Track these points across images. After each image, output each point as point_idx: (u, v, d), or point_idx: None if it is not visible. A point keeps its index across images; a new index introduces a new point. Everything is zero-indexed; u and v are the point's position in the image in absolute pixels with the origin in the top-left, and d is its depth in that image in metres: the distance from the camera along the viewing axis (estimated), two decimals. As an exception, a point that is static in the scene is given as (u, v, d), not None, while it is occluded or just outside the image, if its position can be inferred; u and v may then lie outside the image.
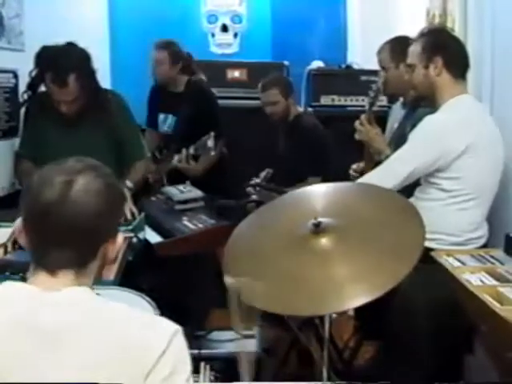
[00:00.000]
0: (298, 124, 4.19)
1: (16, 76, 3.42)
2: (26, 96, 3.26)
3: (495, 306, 1.85)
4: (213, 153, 3.76)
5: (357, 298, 1.88)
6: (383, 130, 3.42)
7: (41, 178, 1.35)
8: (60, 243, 1.32)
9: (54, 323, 1.27)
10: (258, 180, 3.93)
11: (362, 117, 3.25)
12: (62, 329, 1.27)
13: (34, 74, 3.13)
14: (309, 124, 4.21)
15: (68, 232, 1.32)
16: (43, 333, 1.26)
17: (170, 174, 4.09)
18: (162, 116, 4.45)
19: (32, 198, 1.33)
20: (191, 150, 3.81)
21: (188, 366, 1.37)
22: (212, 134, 3.70)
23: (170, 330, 1.36)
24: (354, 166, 3.46)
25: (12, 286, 1.34)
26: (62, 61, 3.01)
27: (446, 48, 2.72)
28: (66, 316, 1.29)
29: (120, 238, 1.44)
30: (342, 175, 3.38)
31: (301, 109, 4.38)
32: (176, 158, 3.91)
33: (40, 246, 1.34)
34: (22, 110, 3.40)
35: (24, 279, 1.41)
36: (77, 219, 1.31)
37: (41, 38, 3.14)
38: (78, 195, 1.31)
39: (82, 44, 3.13)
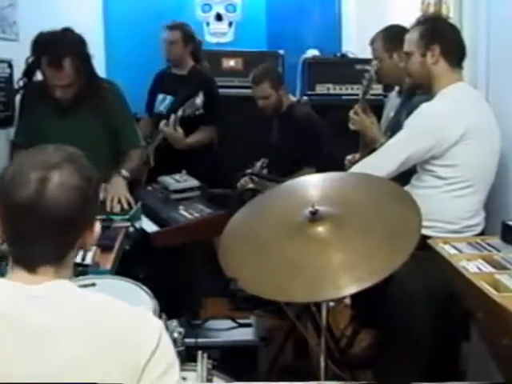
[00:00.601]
0: (291, 114, 4.17)
1: (11, 66, 3.41)
2: (21, 83, 3.25)
3: (492, 293, 1.85)
4: (201, 111, 3.76)
5: (353, 284, 1.88)
6: (379, 118, 3.42)
7: (15, 172, 1.32)
8: (37, 240, 1.31)
9: (38, 319, 1.27)
10: (253, 169, 3.93)
11: (356, 106, 3.26)
12: (47, 324, 1.27)
13: (30, 60, 3.12)
14: (302, 114, 4.19)
15: (45, 229, 1.30)
16: (29, 328, 1.26)
17: (159, 152, 4.08)
18: (160, 96, 4.43)
19: (6, 194, 1.31)
20: (179, 112, 3.83)
21: (177, 361, 1.39)
22: (201, 92, 3.70)
23: (158, 325, 1.38)
24: (349, 157, 3.46)
25: None
26: (58, 44, 3.01)
27: (443, 36, 2.71)
28: (51, 312, 1.28)
29: (97, 226, 1.43)
30: (337, 164, 3.38)
31: (294, 98, 4.35)
32: (163, 122, 3.91)
33: (17, 243, 1.33)
34: (18, 98, 3.39)
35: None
36: (53, 216, 1.29)
37: (35, 28, 3.12)
38: (54, 193, 1.29)
39: (77, 32, 3.12)
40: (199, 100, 3.73)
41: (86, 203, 1.35)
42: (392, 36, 3.21)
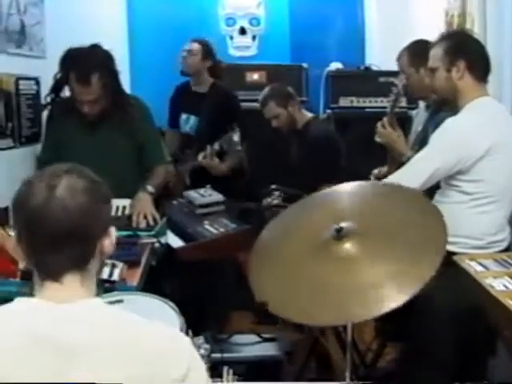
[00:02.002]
0: (307, 131, 4.16)
1: (38, 83, 3.45)
2: (48, 99, 3.29)
3: (518, 311, 1.85)
4: (239, 147, 3.79)
5: (382, 304, 1.88)
6: (403, 130, 3.42)
7: (25, 187, 1.34)
8: (55, 247, 1.32)
9: (73, 340, 1.27)
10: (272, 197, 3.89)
11: (384, 119, 3.25)
12: (82, 345, 1.27)
13: (58, 75, 3.17)
14: (319, 131, 4.18)
15: (60, 234, 1.31)
16: (60, 350, 1.26)
17: (192, 174, 4.12)
18: (184, 116, 4.46)
19: (19, 207, 1.34)
20: (216, 146, 3.85)
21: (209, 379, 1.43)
22: (237, 128, 3.71)
23: (188, 343, 1.40)
24: (376, 172, 3.45)
25: (26, 302, 1.34)
26: (86, 60, 3.06)
27: (468, 51, 2.71)
28: (84, 333, 1.29)
29: (113, 231, 1.44)
30: (360, 177, 3.38)
31: (310, 114, 4.33)
32: (201, 154, 3.94)
33: (38, 256, 1.34)
34: (45, 114, 3.43)
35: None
36: (66, 219, 1.30)
37: (62, 45, 3.16)
38: (63, 196, 1.31)
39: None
40: (236, 137, 3.73)
41: (97, 205, 1.36)
42: (418, 51, 3.20)
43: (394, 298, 1.85)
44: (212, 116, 4.07)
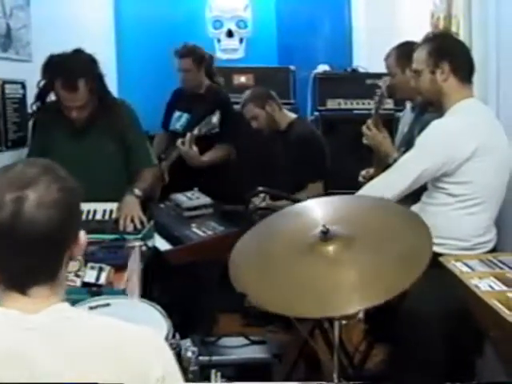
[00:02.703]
0: (291, 132, 4.16)
1: (24, 87, 3.45)
2: (34, 107, 3.28)
3: (504, 312, 1.85)
4: (216, 129, 3.78)
5: (363, 301, 1.90)
6: (390, 132, 3.43)
7: None
8: (24, 261, 1.28)
9: (40, 354, 1.25)
10: (256, 200, 3.89)
11: (369, 121, 3.28)
12: (50, 357, 1.25)
13: (42, 83, 3.15)
14: (302, 130, 4.16)
15: (29, 249, 1.27)
16: (31, 365, 1.24)
17: (172, 168, 4.11)
18: (177, 114, 4.45)
19: None
20: (195, 131, 3.85)
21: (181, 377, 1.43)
22: (218, 111, 3.72)
23: (161, 345, 1.41)
24: (363, 173, 3.47)
25: None
26: (71, 66, 3.05)
27: (452, 53, 2.72)
28: (52, 344, 1.26)
29: (82, 235, 1.39)
30: (348, 179, 3.40)
31: (293, 115, 4.33)
32: (179, 140, 3.93)
33: (6, 267, 1.30)
34: (31, 121, 3.41)
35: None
36: (34, 236, 1.26)
37: (48, 49, 3.15)
38: (31, 212, 1.26)
39: (88, 51, 3.16)
40: (215, 119, 3.75)
41: (68, 216, 1.32)
42: (405, 52, 3.21)
43: (376, 297, 1.86)
44: (204, 115, 4.07)
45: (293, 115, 4.30)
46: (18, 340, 1.26)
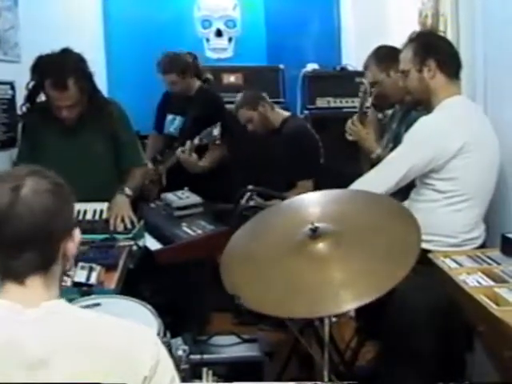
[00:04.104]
0: (284, 129, 4.18)
1: (13, 87, 3.44)
2: (24, 108, 3.27)
3: (491, 306, 1.87)
4: (218, 142, 3.79)
5: (353, 300, 1.91)
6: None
7: None
8: (19, 249, 1.32)
9: (38, 345, 1.27)
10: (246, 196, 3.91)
11: (355, 117, 3.32)
12: (46, 349, 1.28)
13: (31, 84, 3.15)
14: (295, 127, 4.19)
15: (25, 236, 1.32)
16: (29, 356, 1.26)
17: (170, 173, 4.12)
18: (170, 117, 4.46)
19: None
20: (196, 141, 3.87)
21: (177, 375, 1.45)
22: (219, 123, 3.73)
23: (154, 340, 1.42)
24: None
25: None
26: (60, 65, 3.05)
27: (437, 50, 2.73)
28: (49, 337, 1.29)
29: (77, 232, 1.45)
30: (338, 176, 3.41)
31: (286, 113, 4.35)
32: (179, 149, 3.94)
33: (1, 257, 1.34)
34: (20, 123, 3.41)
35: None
36: (30, 221, 1.31)
37: (37, 49, 3.14)
38: (28, 197, 1.32)
39: (78, 51, 3.16)
40: (216, 131, 3.74)
41: (60, 206, 1.37)
42: (382, 55, 3.25)
43: (365, 295, 1.87)
44: (197, 117, 4.08)
45: (286, 113, 4.32)
46: (12, 333, 1.28)
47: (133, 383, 1.31)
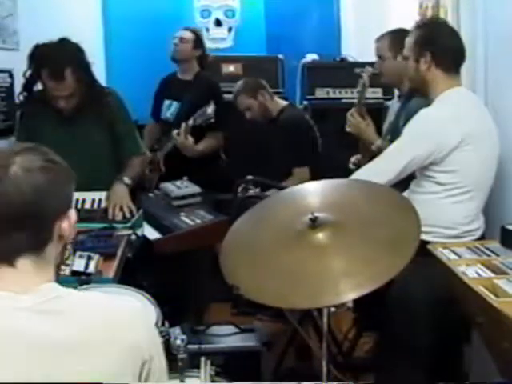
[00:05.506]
0: (281, 117, 4.18)
1: (11, 75, 3.43)
2: (21, 97, 3.25)
3: (491, 298, 1.87)
4: (212, 120, 3.78)
5: (353, 290, 1.89)
6: (378, 121, 3.46)
7: None
8: (9, 228, 1.29)
9: (39, 333, 1.26)
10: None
11: (353, 109, 3.31)
12: (50, 338, 1.26)
13: (28, 73, 3.13)
14: (293, 116, 4.18)
15: (15, 214, 1.28)
16: (32, 344, 1.25)
17: (168, 161, 4.12)
18: (167, 102, 4.46)
19: None
20: (190, 121, 3.86)
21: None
22: (212, 102, 3.73)
23: (150, 319, 1.46)
24: (353, 159, 3.50)
25: None
26: (57, 55, 3.03)
27: (435, 43, 2.69)
28: (49, 324, 1.28)
29: (73, 213, 1.40)
30: (338, 167, 3.40)
31: (285, 102, 4.34)
32: (175, 131, 3.94)
33: None
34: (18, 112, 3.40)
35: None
36: (18, 200, 1.27)
37: (35, 37, 3.14)
38: (17, 175, 1.28)
39: (77, 40, 3.15)
40: (210, 109, 3.75)
41: (53, 184, 1.33)
42: (399, 39, 3.20)
43: (364, 286, 1.86)
44: (194, 103, 4.07)
45: (284, 102, 4.32)
46: (9, 319, 1.26)
47: (134, 355, 1.33)
